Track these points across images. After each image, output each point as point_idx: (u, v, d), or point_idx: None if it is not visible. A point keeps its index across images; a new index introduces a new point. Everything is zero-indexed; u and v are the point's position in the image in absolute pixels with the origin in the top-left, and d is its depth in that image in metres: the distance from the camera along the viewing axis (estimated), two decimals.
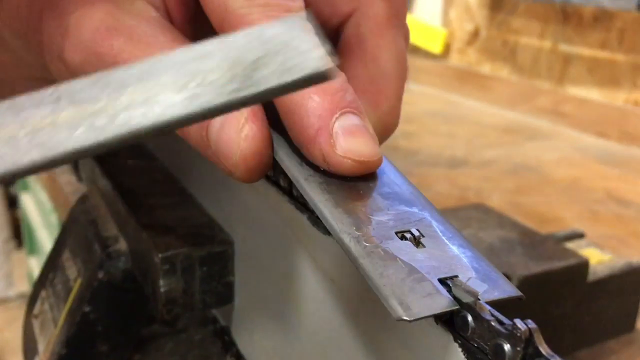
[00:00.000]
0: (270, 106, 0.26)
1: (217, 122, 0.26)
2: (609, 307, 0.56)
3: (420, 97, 1.42)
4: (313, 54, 0.17)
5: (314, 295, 0.26)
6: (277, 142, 0.26)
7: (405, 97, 0.32)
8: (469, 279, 0.19)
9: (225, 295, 0.32)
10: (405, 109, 0.33)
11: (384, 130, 0.29)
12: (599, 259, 0.58)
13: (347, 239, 0.21)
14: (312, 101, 0.24)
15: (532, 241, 0.53)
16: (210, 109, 0.17)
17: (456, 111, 1.34)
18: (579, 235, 0.62)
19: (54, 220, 1.20)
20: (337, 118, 0.24)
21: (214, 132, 0.26)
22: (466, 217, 0.58)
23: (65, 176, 0.75)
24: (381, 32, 0.30)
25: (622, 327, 0.58)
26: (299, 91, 0.25)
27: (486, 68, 1.42)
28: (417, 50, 1.53)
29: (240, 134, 0.25)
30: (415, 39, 1.54)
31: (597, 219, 0.87)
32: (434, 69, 1.50)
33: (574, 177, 1.01)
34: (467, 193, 0.95)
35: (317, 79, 0.17)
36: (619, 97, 1.18)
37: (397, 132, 0.32)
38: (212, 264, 0.31)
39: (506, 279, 0.20)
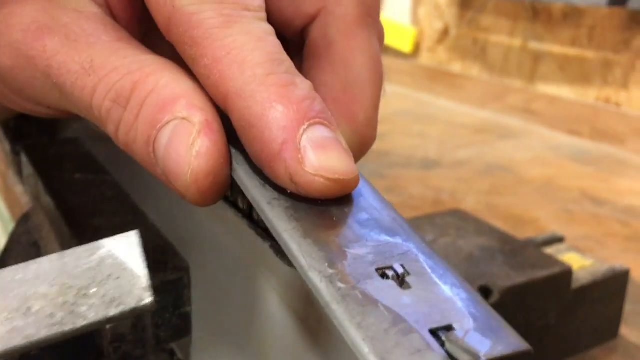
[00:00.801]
0: (227, 116, 0.22)
1: (164, 135, 0.22)
2: (592, 315, 0.54)
3: (391, 97, 1.39)
4: (138, 284, 0.18)
5: (279, 333, 0.23)
6: (236, 159, 0.22)
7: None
8: (467, 332, 0.16)
9: (181, 328, 0.29)
10: None
11: (361, 145, 0.25)
12: (581, 264, 0.55)
13: (317, 279, 0.17)
14: (274, 111, 0.21)
15: (512, 248, 0.51)
16: (33, 344, 0.17)
17: (427, 111, 1.32)
18: (559, 240, 0.60)
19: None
20: (305, 130, 0.21)
21: (161, 148, 0.22)
22: (443, 224, 0.55)
23: (20, 186, 0.71)
24: (352, 33, 0.26)
25: (606, 334, 0.56)
26: (259, 100, 0.22)
27: (457, 67, 1.40)
28: (386, 50, 1.51)
29: (191, 150, 0.21)
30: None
31: (573, 219, 0.85)
32: (404, 68, 1.48)
33: (547, 177, 0.99)
34: (441, 195, 0.92)
35: (140, 310, 0.18)
36: (590, 94, 1.17)
37: None
38: (165, 293, 0.28)
39: (511, 328, 0.16)
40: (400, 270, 0.18)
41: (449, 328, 0.16)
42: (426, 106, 1.35)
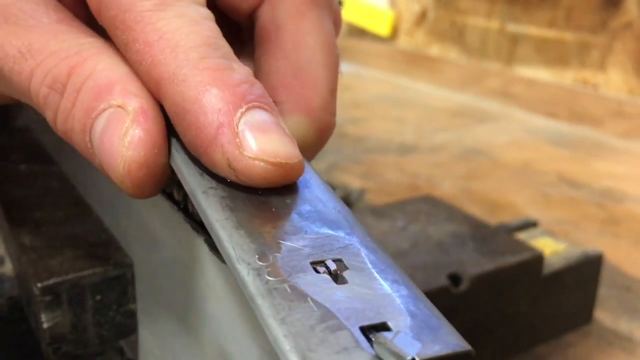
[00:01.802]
0: None
1: (99, 124, 0.20)
2: (565, 300, 0.53)
3: (369, 81, 1.38)
4: None
5: (222, 334, 0.21)
6: (175, 147, 0.21)
7: (353, 82, 0.27)
8: (398, 332, 0.14)
9: (126, 327, 0.27)
10: (353, 94, 0.29)
11: (319, 132, 0.24)
12: (554, 249, 0.55)
13: (244, 271, 0.16)
14: (209, 94, 0.19)
15: (483, 235, 0.50)
16: None
17: (405, 95, 1.31)
18: (532, 224, 0.59)
19: None
20: (242, 113, 0.19)
21: (96, 136, 0.20)
22: (414, 210, 0.54)
23: None
24: (301, 15, 0.25)
25: (580, 319, 0.55)
26: (192, 84, 0.20)
27: (435, 49, 1.39)
28: (364, 33, 1.49)
29: (123, 140, 0.20)
30: (362, 21, 1.50)
31: (549, 203, 0.85)
32: (382, 51, 1.46)
33: (525, 160, 0.99)
34: (418, 180, 0.91)
35: None
36: (567, 76, 1.16)
37: (345, 117, 0.28)
38: (108, 290, 0.26)
39: (450, 326, 0.15)
40: (333, 267, 0.17)
41: (382, 326, 0.15)
42: (404, 90, 1.34)
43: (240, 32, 0.28)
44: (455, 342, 0.15)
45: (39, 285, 0.25)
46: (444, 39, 1.37)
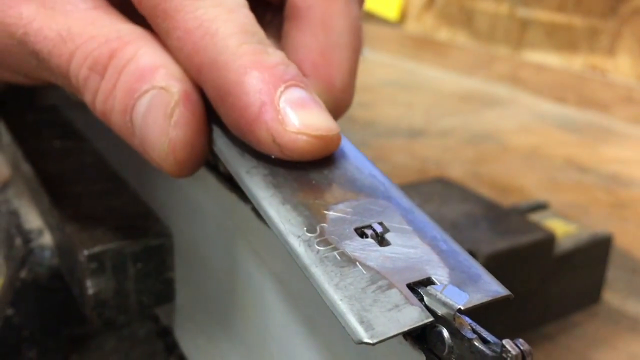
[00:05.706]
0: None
1: (142, 104, 0.21)
2: (575, 280, 0.54)
3: (377, 65, 1.38)
4: None
5: (262, 297, 0.23)
6: (215, 132, 0.22)
7: (362, 66, 0.29)
8: (446, 284, 0.16)
9: (164, 294, 0.28)
10: (362, 78, 0.30)
11: (336, 109, 0.25)
12: (564, 230, 0.56)
13: (296, 243, 0.17)
14: (249, 77, 0.21)
15: (496, 215, 0.51)
16: None
17: (413, 79, 1.31)
18: (543, 206, 0.60)
19: None
20: (282, 92, 0.21)
21: (138, 117, 0.21)
22: (428, 192, 0.55)
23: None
24: None
25: (588, 299, 0.57)
26: (234, 68, 0.21)
27: (443, 34, 1.39)
28: (372, 17, 1.49)
29: (169, 120, 0.21)
30: (370, 5, 1.50)
31: (558, 187, 0.86)
32: (390, 36, 1.46)
33: (533, 145, 1.00)
34: (427, 164, 0.92)
35: None
36: (576, 62, 1.17)
37: (354, 102, 0.29)
38: (148, 259, 0.28)
39: (489, 274, 0.17)
40: (379, 229, 0.18)
41: (427, 281, 0.16)
42: (412, 75, 1.35)
43: (269, 5, 0.29)
44: (495, 289, 0.16)
45: (85, 252, 0.26)
46: (453, 23, 1.37)
